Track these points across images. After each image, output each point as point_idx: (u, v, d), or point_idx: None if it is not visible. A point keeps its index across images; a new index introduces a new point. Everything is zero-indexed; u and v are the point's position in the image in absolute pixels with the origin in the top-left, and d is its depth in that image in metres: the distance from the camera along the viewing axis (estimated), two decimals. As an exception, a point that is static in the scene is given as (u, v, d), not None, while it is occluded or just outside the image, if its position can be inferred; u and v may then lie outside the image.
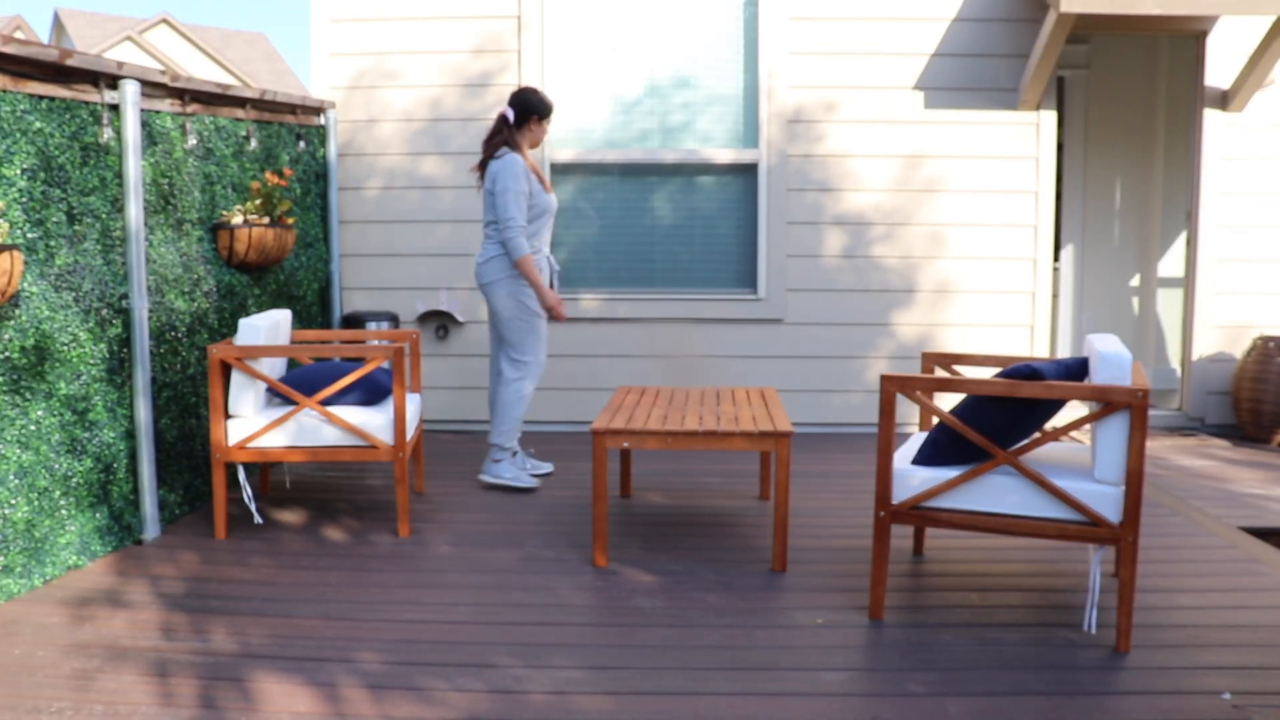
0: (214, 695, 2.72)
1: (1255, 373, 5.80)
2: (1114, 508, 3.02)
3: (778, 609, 3.35)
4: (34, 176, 3.47)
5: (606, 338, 6.07)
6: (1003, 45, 5.85)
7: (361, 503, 4.57)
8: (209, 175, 4.58)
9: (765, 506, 4.54)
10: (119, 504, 3.92)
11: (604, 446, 3.68)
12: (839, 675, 2.86)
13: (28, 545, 3.43)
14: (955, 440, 3.24)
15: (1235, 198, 5.97)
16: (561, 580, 3.62)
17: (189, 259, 4.40)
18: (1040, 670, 2.87)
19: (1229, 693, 2.73)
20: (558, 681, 2.82)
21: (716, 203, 6.05)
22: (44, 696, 2.68)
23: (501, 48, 5.94)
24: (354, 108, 6.01)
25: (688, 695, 2.74)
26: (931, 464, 3.27)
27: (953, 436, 3.24)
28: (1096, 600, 3.20)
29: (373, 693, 2.75)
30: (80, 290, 3.69)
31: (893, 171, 5.93)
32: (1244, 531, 4.15)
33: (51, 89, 3.55)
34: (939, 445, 3.27)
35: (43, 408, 3.51)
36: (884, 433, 3.19)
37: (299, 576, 3.64)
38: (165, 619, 3.24)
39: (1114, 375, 3.03)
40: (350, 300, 6.11)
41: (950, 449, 3.25)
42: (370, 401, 4.26)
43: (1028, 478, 3.08)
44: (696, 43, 5.97)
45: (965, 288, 5.97)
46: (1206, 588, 3.55)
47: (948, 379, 3.15)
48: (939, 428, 3.30)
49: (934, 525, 3.20)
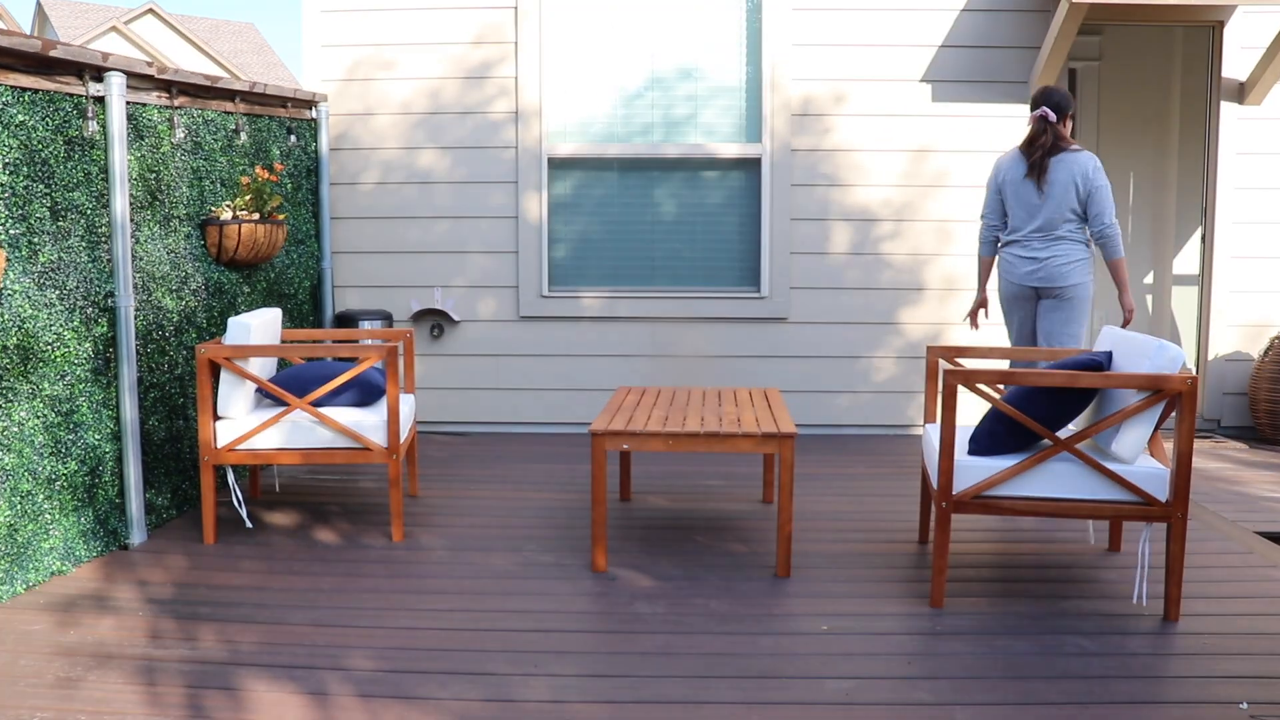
0: (202, 703, 2.72)
1: (1273, 373, 5.72)
2: (1163, 488, 3.26)
3: (782, 615, 3.33)
4: (16, 171, 3.43)
5: (606, 337, 6.01)
6: (1012, 37, 5.79)
7: (354, 506, 4.55)
8: (197, 170, 4.52)
9: (768, 510, 4.51)
10: (104, 508, 3.87)
11: (603, 448, 3.66)
12: (845, 684, 2.83)
13: (10, 550, 3.40)
14: (1011, 430, 3.40)
15: (1252, 193, 5.90)
16: (559, 585, 3.60)
17: (177, 256, 4.35)
18: (1051, 680, 2.85)
19: (1245, 702, 2.71)
20: (555, 689, 2.81)
21: (719, 198, 5.99)
22: (27, 706, 2.68)
23: (500, 38, 5.88)
24: (347, 100, 5.95)
25: (689, 704, 2.73)
26: (989, 454, 3.43)
27: (1009, 427, 3.40)
28: (1146, 574, 3.42)
29: (364, 700, 2.73)
30: (65, 288, 3.65)
31: (899, 166, 5.86)
32: (1261, 537, 4.09)
33: (34, 81, 3.50)
34: (997, 436, 3.42)
35: (26, 408, 3.46)
36: (946, 426, 3.30)
37: (290, 581, 3.62)
38: (152, 625, 3.22)
39: (1165, 364, 3.23)
40: (343, 298, 6.05)
41: (1008, 439, 3.41)
42: (363, 402, 4.23)
43: (1085, 463, 3.27)
44: (698, 34, 5.91)
45: (972, 284, 5.90)
46: (1223, 594, 3.52)
47: (1011, 371, 3.25)
48: (995, 419, 3.44)
49: (995, 513, 3.35)
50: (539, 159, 5.90)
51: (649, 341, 6.01)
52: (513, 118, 5.90)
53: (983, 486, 3.32)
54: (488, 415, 6.08)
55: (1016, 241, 4.58)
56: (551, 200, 6.00)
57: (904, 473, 5.15)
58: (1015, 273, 4.58)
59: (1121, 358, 3.46)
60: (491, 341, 6.04)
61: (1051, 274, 4.48)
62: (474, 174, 5.95)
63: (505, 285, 6.00)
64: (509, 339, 6.03)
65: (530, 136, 5.88)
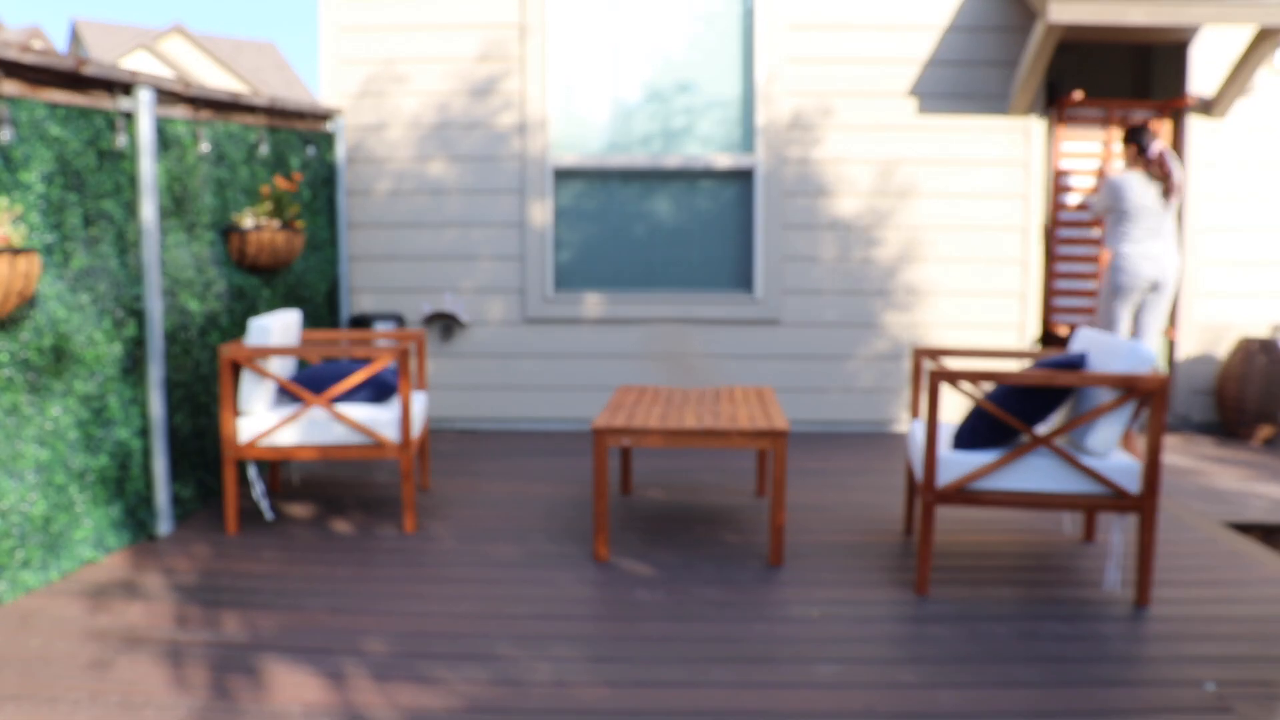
0: (226, 684, 2.77)
1: (1239, 373, 5.87)
2: (1135, 481, 3.36)
3: (774, 602, 3.38)
4: (51, 181, 3.51)
5: (607, 338, 6.12)
6: (993, 53, 5.90)
7: (368, 499, 4.60)
8: (220, 180, 4.61)
9: (762, 503, 4.57)
10: (133, 500, 3.96)
11: (605, 444, 3.71)
12: (834, 667, 2.89)
13: (45, 540, 3.48)
14: (992, 427, 3.48)
15: (1219, 202, 6.03)
16: (563, 574, 3.65)
17: (201, 261, 4.44)
18: (1029, 662, 2.91)
19: (1212, 683, 2.77)
20: (559, 672, 2.86)
21: (714, 206, 6.09)
22: (61, 686, 2.74)
23: (505, 54, 5.99)
24: (362, 113, 6.06)
25: (686, 686, 2.78)
26: (971, 449, 3.51)
27: (991, 423, 3.48)
28: (1119, 562, 3.44)
29: (379, 682, 2.79)
30: (96, 292, 3.74)
31: (886, 176, 5.97)
32: (1227, 527, 4.18)
33: (69, 97, 3.59)
34: (978, 432, 3.50)
35: (60, 406, 3.55)
36: (930, 422, 3.38)
37: (308, 570, 3.67)
38: (178, 611, 3.28)
39: (1137, 365, 3.32)
40: (358, 302, 6.16)
41: (989, 435, 3.49)
42: (378, 400, 4.30)
43: (1061, 458, 3.37)
44: (695, 49, 6.01)
45: (957, 290, 6.02)
46: (1191, 581, 3.58)
47: (991, 371, 3.36)
48: (977, 416, 3.52)
49: (977, 505, 3.44)
50: (544, 169, 6.00)
51: (649, 343, 6.12)
52: (518, 130, 6.00)
53: (965, 480, 3.42)
54: (495, 413, 6.17)
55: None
56: (556, 208, 6.09)
57: (890, 467, 5.21)
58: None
59: (1096, 358, 3.54)
60: (499, 343, 6.14)
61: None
62: (482, 184, 6.05)
63: (512, 289, 6.10)
64: (515, 341, 6.13)
65: (535, 147, 5.99)
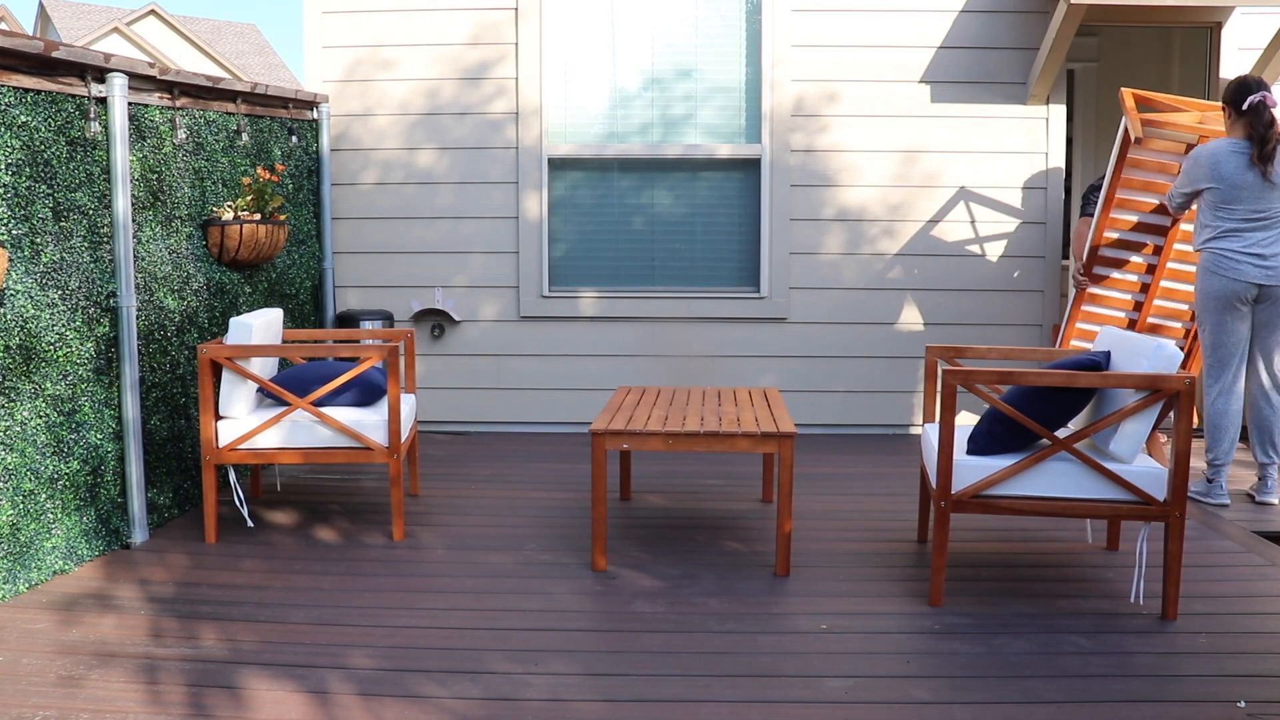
0: (204, 701, 2.72)
1: None
2: (1161, 487, 3.27)
3: (781, 614, 3.33)
4: (19, 171, 3.43)
5: (606, 336, 6.03)
6: (1011, 38, 5.80)
7: (355, 505, 4.56)
8: (199, 170, 4.53)
9: (768, 509, 4.51)
10: (106, 507, 3.88)
11: (603, 448, 3.67)
12: (843, 683, 2.84)
13: (13, 549, 3.41)
14: (1009, 430, 3.42)
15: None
16: (559, 584, 3.60)
17: (178, 256, 4.36)
18: (1049, 679, 2.85)
19: (1244, 701, 2.71)
20: (555, 687, 2.81)
21: (718, 198, 6.00)
22: (30, 704, 2.68)
23: (499, 39, 5.89)
24: (347, 100, 5.96)
25: (688, 703, 2.73)
26: (987, 454, 3.44)
27: (1008, 427, 3.41)
28: (1144, 573, 3.42)
29: (365, 699, 2.74)
30: (67, 288, 3.66)
31: (898, 166, 5.87)
32: (1259, 536, 4.10)
33: (37, 82, 3.51)
34: (995, 435, 3.43)
35: (28, 408, 3.47)
36: (945, 426, 3.31)
37: (291, 580, 3.62)
38: (154, 623, 3.22)
39: (1163, 364, 3.26)
40: (344, 299, 6.06)
41: (1007, 438, 3.42)
42: (364, 402, 4.24)
43: (1083, 463, 3.29)
44: (697, 34, 5.92)
45: (974, 285, 5.92)
46: (1220, 594, 3.53)
47: (1010, 371, 3.29)
48: (994, 419, 3.45)
49: (994, 512, 3.36)
50: (539, 159, 5.91)
51: (649, 341, 6.02)
52: (512, 118, 5.91)
53: (981, 486, 3.33)
54: (488, 415, 6.09)
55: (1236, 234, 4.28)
56: (551, 200, 6.01)
57: (903, 472, 5.16)
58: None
59: (1119, 358, 3.47)
60: (492, 341, 6.05)
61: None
62: (474, 174, 5.96)
63: (505, 285, 6.01)
64: (509, 339, 6.04)
65: (530, 136, 5.89)
